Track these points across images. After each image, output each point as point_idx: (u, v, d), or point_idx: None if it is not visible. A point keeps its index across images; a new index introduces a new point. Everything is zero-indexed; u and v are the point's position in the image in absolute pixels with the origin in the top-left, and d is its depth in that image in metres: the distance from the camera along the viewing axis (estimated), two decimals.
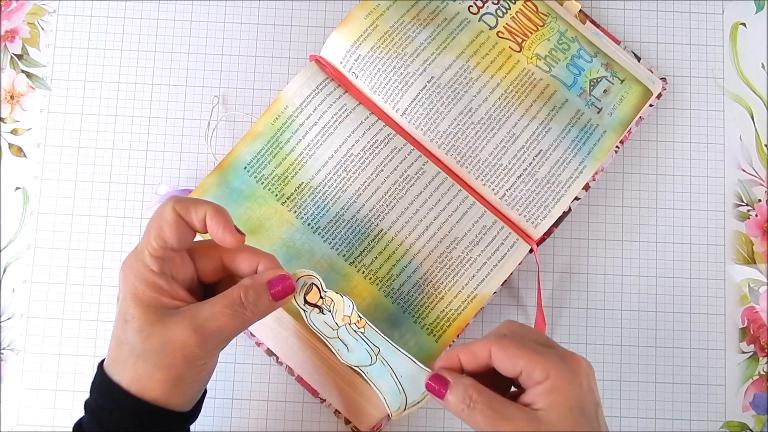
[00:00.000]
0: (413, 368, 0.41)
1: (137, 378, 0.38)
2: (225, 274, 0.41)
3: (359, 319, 0.42)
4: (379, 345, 0.42)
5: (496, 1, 0.53)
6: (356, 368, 0.42)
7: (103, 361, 0.40)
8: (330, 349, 0.42)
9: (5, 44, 0.55)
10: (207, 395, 0.51)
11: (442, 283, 0.48)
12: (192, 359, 0.38)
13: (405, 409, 0.41)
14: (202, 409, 0.52)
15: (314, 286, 0.42)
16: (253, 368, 0.52)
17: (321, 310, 0.42)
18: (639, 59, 0.54)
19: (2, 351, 0.52)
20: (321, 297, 0.42)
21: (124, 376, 0.38)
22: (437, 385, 0.38)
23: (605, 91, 0.52)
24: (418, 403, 0.41)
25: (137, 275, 0.38)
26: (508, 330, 0.40)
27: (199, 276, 0.41)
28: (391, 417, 0.42)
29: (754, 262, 0.54)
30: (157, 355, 0.37)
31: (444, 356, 0.40)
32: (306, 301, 0.42)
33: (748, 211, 0.54)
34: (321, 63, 0.51)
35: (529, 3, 0.53)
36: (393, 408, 0.41)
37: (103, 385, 0.39)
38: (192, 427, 0.51)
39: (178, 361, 0.37)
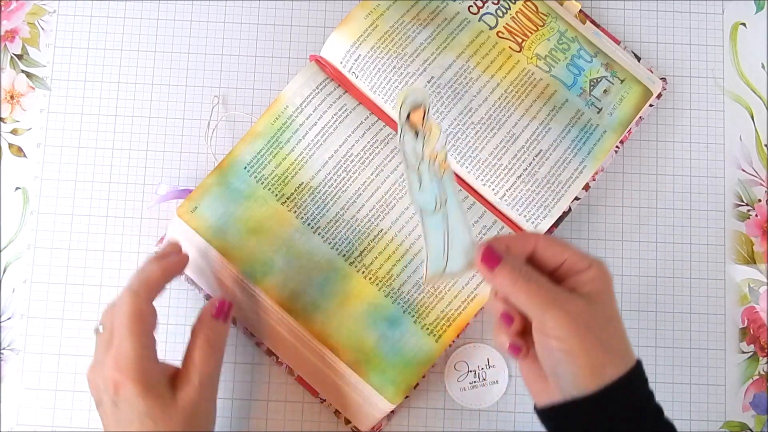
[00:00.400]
0: (466, 238, 0.40)
1: None
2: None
3: (444, 160, 0.40)
4: (449, 196, 0.40)
5: (496, 1, 0.53)
6: (417, 210, 0.40)
7: None
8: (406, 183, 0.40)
9: (5, 44, 0.55)
10: None
11: (443, 283, 0.48)
12: (212, 408, 0.44)
13: (441, 274, 0.40)
14: None
15: (423, 107, 0.39)
16: (254, 368, 0.52)
17: (416, 134, 0.39)
18: (639, 59, 0.54)
19: (2, 351, 0.52)
20: (423, 121, 0.39)
21: None
22: (490, 258, 0.39)
23: (605, 91, 0.52)
24: (455, 276, 0.40)
25: (148, 373, 0.41)
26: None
27: None
28: (424, 280, 0.40)
29: (754, 262, 0.54)
30: (184, 426, 0.41)
31: (493, 238, 0.40)
32: (408, 120, 0.39)
33: (748, 211, 0.54)
34: (321, 63, 0.51)
35: (529, 3, 0.53)
36: (430, 271, 0.40)
37: None
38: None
39: (202, 420, 0.43)
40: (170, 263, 0.44)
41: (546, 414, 0.40)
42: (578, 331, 0.37)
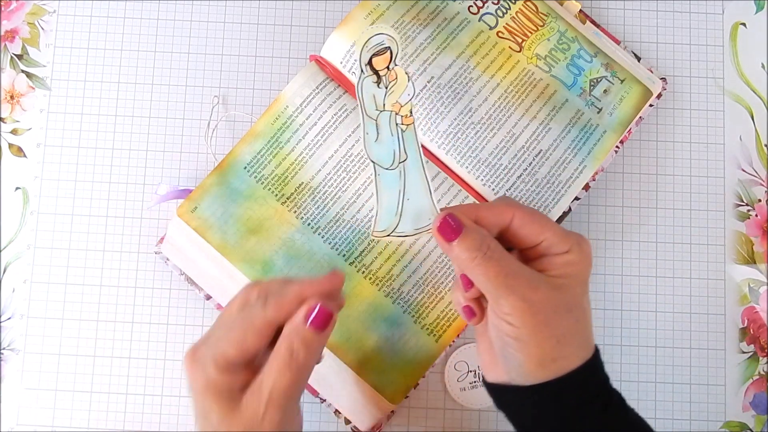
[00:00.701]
0: (425, 202, 0.37)
1: None
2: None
3: (408, 114, 0.37)
4: (410, 155, 0.37)
5: (496, 1, 0.53)
6: (371, 163, 0.37)
7: None
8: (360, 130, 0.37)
9: (5, 44, 0.55)
10: None
11: (442, 283, 0.48)
12: (278, 429, 0.36)
13: (389, 234, 0.37)
14: None
15: (389, 51, 0.36)
16: None
17: (378, 82, 0.37)
18: (639, 59, 0.54)
19: (2, 351, 0.52)
20: (388, 68, 0.37)
21: None
22: (450, 227, 0.35)
23: (605, 91, 0.52)
24: (405, 236, 0.37)
25: (206, 376, 0.36)
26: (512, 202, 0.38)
27: None
28: (372, 233, 0.38)
29: (754, 262, 0.54)
30: None
31: (462, 206, 0.37)
32: (370, 63, 0.36)
33: (748, 211, 0.54)
34: (321, 63, 0.51)
35: (529, 3, 0.53)
36: (378, 227, 0.37)
37: None
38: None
39: None
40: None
41: (491, 389, 0.39)
42: (534, 320, 0.35)
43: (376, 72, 0.36)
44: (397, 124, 0.37)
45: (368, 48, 0.36)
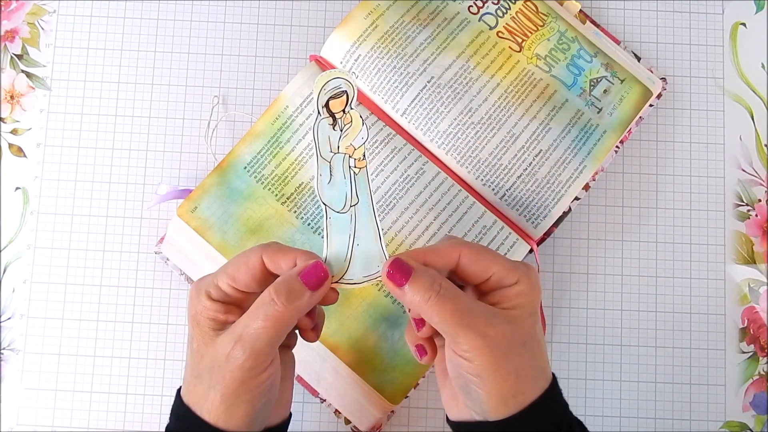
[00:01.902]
0: (374, 248, 0.37)
1: (196, 400, 0.37)
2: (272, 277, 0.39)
3: (362, 158, 0.37)
4: (361, 198, 0.37)
5: (496, 1, 0.53)
6: (322, 205, 0.37)
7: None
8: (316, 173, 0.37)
9: (5, 44, 0.55)
10: None
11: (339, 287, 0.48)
12: (239, 373, 0.36)
13: (338, 281, 0.37)
14: None
15: (345, 95, 0.37)
16: None
17: (334, 124, 0.37)
18: (639, 59, 0.54)
19: (2, 351, 0.52)
20: (344, 111, 0.37)
21: (189, 399, 0.38)
22: (399, 273, 0.35)
23: (605, 91, 0.52)
24: (353, 284, 0.37)
25: (199, 303, 0.38)
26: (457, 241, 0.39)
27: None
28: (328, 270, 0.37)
29: (754, 262, 0.54)
30: (210, 375, 0.36)
31: (408, 251, 0.37)
32: (327, 106, 0.37)
33: (748, 211, 0.54)
34: (321, 63, 0.51)
35: (529, 3, 0.53)
36: (330, 270, 0.37)
37: (175, 407, 0.39)
38: None
39: (227, 377, 0.36)
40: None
41: (454, 426, 0.40)
42: (492, 356, 0.35)
43: (332, 114, 0.37)
44: (350, 167, 0.37)
45: (326, 90, 0.37)
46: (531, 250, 0.50)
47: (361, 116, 0.37)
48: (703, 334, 0.53)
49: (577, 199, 0.51)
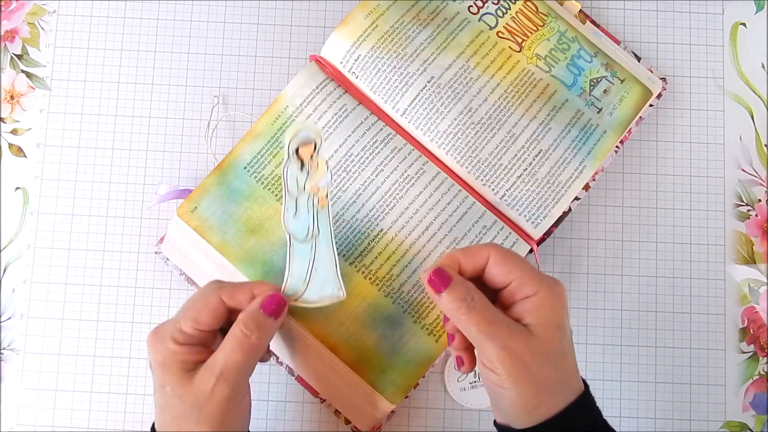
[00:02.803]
0: (331, 275, 0.42)
1: None
2: (231, 313, 0.43)
3: (324, 198, 0.43)
4: (322, 231, 0.43)
5: (496, 1, 0.53)
6: (286, 234, 0.42)
7: (153, 425, 0.42)
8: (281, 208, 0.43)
9: (5, 44, 0.55)
10: None
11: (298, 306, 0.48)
12: (225, 404, 0.39)
13: (296, 299, 0.42)
14: None
15: (313, 144, 0.42)
16: None
17: (301, 167, 0.43)
18: (639, 59, 0.54)
19: (2, 351, 0.52)
20: (312, 157, 0.42)
21: None
22: (438, 280, 0.39)
23: (605, 91, 0.52)
24: (309, 304, 0.42)
25: (165, 349, 0.40)
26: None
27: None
28: (281, 292, 0.42)
29: (754, 262, 0.54)
30: (195, 413, 0.39)
31: (446, 256, 0.40)
32: (297, 152, 0.43)
33: (748, 211, 0.54)
34: (321, 63, 0.51)
35: (529, 3, 0.53)
36: (288, 291, 0.43)
37: None
38: None
39: (214, 411, 0.39)
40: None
41: (498, 428, 0.42)
42: (513, 368, 0.37)
43: (300, 159, 0.43)
44: (313, 205, 0.43)
45: (297, 139, 0.42)
46: (531, 250, 0.50)
47: (326, 162, 0.43)
48: (703, 334, 0.53)
49: (577, 199, 0.51)
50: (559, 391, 0.38)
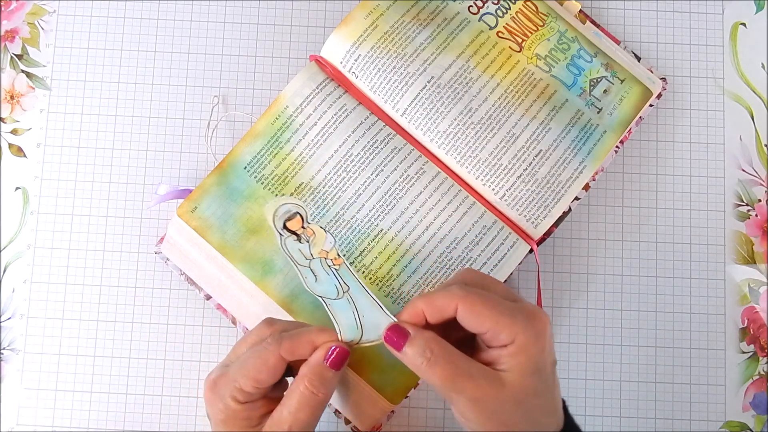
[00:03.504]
0: (379, 314, 0.41)
1: None
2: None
3: (337, 257, 0.42)
4: (350, 284, 0.42)
5: (496, 1, 0.53)
6: (320, 298, 0.41)
7: None
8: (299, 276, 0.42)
9: (5, 44, 0.55)
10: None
11: (442, 283, 0.48)
12: None
13: (358, 342, 0.41)
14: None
15: (298, 215, 0.43)
16: None
17: (299, 239, 0.42)
18: (639, 59, 0.54)
19: (2, 351, 0.52)
20: (303, 227, 0.42)
21: None
22: (396, 337, 0.38)
23: (605, 91, 0.52)
24: (371, 343, 0.41)
25: (227, 408, 0.39)
26: (471, 280, 0.39)
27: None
28: (339, 338, 0.41)
29: (754, 262, 0.54)
30: None
31: (407, 308, 0.39)
32: (285, 227, 0.43)
33: (748, 211, 0.54)
34: (321, 63, 0.51)
35: (529, 3, 0.53)
36: (347, 337, 0.41)
37: None
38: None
39: None
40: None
41: None
42: (482, 417, 0.36)
43: (293, 232, 0.42)
44: (329, 266, 0.42)
45: (278, 216, 0.42)
46: (531, 250, 0.50)
47: (321, 227, 0.43)
48: (703, 334, 0.53)
49: (577, 199, 0.51)
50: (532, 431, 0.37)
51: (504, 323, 0.36)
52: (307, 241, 0.42)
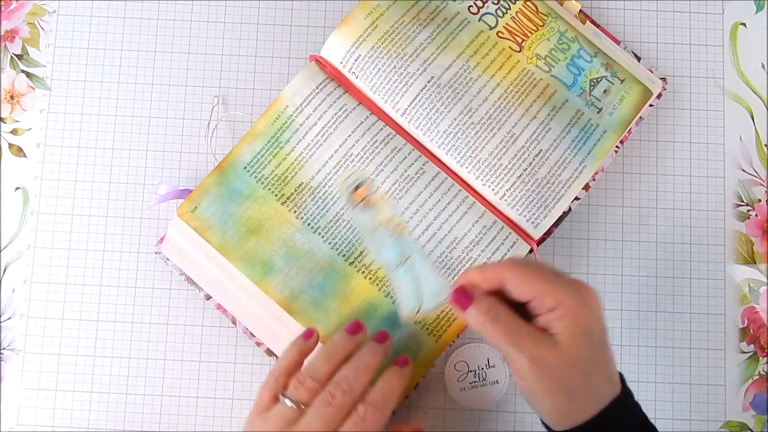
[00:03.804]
0: (436, 281, 0.43)
1: None
2: None
3: (398, 224, 0.44)
4: (412, 251, 0.44)
5: (496, 1, 0.53)
6: (384, 269, 0.44)
7: None
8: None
9: (5, 44, 0.55)
10: (206, 395, 0.52)
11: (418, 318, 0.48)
12: None
13: (417, 313, 0.43)
14: (203, 409, 0.52)
15: (365, 184, 0.45)
16: (253, 368, 0.52)
17: (366, 207, 0.45)
18: (639, 59, 0.54)
19: (2, 351, 0.52)
20: (369, 194, 0.45)
21: None
22: (462, 298, 0.40)
23: (605, 91, 0.52)
24: (430, 311, 0.43)
25: None
26: (519, 260, 0.42)
27: None
28: (401, 320, 0.44)
29: (754, 262, 0.54)
30: None
31: (461, 277, 0.41)
32: (353, 196, 0.45)
33: (748, 211, 0.54)
34: (321, 63, 0.51)
35: (529, 3, 0.53)
36: (405, 311, 0.43)
37: None
38: (192, 427, 0.52)
39: None
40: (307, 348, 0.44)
41: (543, 424, 0.42)
42: (541, 377, 0.38)
43: (361, 200, 0.44)
44: (392, 234, 0.44)
45: (347, 185, 0.45)
46: (531, 250, 0.50)
47: (383, 195, 0.44)
48: (703, 334, 0.53)
49: (577, 199, 0.51)
50: (590, 396, 0.38)
51: (548, 289, 0.39)
52: (374, 209, 0.44)
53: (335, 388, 0.40)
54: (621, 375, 0.41)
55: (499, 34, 0.52)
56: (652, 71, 0.54)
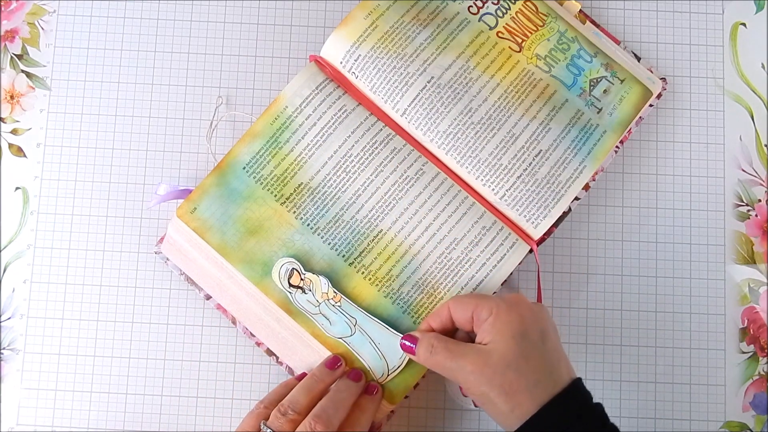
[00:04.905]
0: (387, 334, 0.46)
1: None
2: None
3: (335, 294, 0.47)
4: (355, 316, 0.47)
5: (495, 2, 0.53)
6: (341, 340, 0.46)
7: None
8: (317, 327, 0.47)
9: (5, 44, 0.55)
10: (206, 395, 0.52)
11: (442, 283, 0.48)
12: None
13: (388, 374, 0.46)
14: (203, 409, 0.52)
15: (295, 271, 0.47)
16: (253, 368, 0.52)
17: (303, 291, 0.47)
18: (639, 59, 0.54)
19: (2, 351, 0.52)
20: (301, 279, 0.47)
21: None
22: (409, 342, 0.45)
23: (605, 91, 0.52)
24: (398, 368, 0.46)
25: None
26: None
27: None
28: (380, 383, 0.46)
29: (754, 262, 0.54)
30: None
31: (420, 325, 0.47)
32: (290, 284, 0.47)
33: (748, 211, 0.54)
34: (321, 63, 0.51)
35: (529, 3, 0.53)
36: (377, 374, 0.46)
37: None
38: (192, 427, 0.52)
39: None
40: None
41: None
42: (482, 386, 0.42)
43: (297, 287, 0.47)
44: (333, 305, 0.47)
45: (281, 277, 0.47)
46: (531, 250, 0.50)
47: (314, 272, 0.47)
48: (703, 334, 0.53)
49: (577, 199, 0.51)
50: (531, 391, 0.41)
51: (483, 301, 0.44)
52: (310, 290, 0.47)
53: (316, 421, 0.42)
54: (579, 378, 0.43)
55: (499, 35, 0.52)
56: (652, 71, 0.54)
